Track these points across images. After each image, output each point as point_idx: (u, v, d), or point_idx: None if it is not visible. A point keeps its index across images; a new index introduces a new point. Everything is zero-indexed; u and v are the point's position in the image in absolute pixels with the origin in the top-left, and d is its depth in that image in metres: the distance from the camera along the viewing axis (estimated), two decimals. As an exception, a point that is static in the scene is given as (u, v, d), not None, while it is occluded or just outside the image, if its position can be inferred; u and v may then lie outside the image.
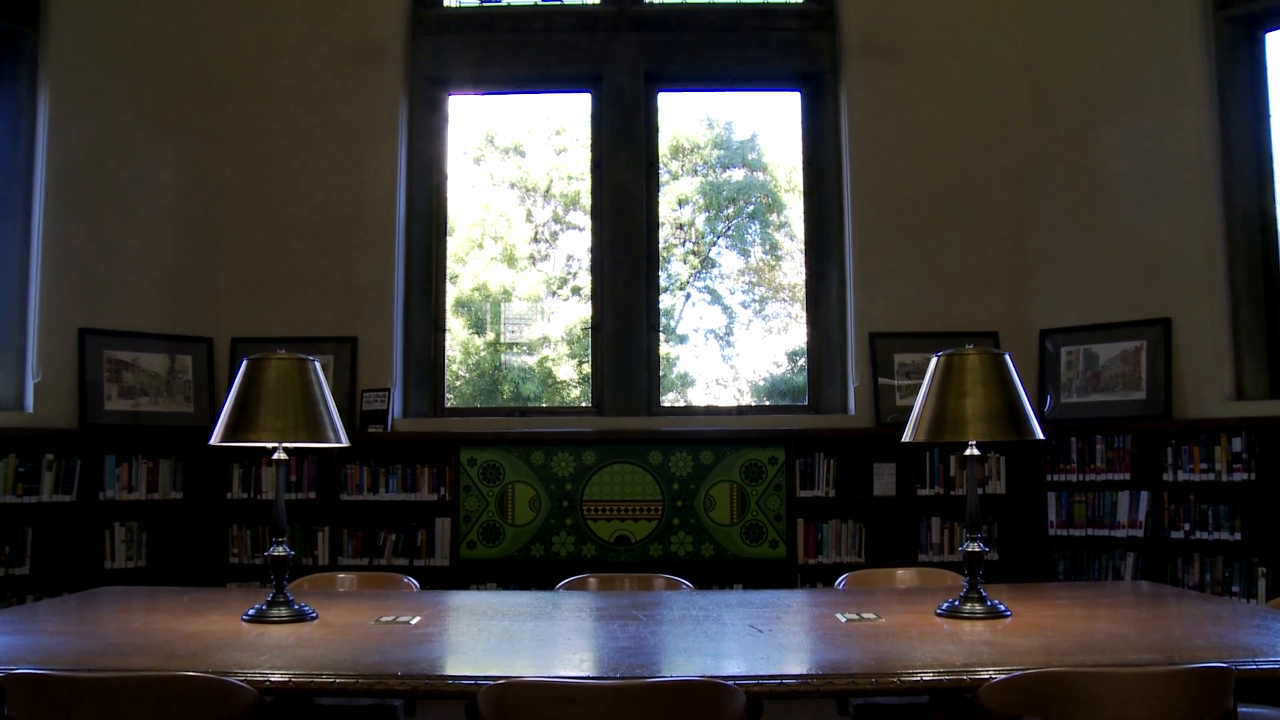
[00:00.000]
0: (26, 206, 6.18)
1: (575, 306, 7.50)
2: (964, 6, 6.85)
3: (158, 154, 6.61)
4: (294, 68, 6.91)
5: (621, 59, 7.09)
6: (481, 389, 7.55)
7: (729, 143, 7.88)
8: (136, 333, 6.39)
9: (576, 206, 7.58)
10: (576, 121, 7.58)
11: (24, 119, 6.21)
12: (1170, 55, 6.19)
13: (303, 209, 6.80)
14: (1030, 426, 3.20)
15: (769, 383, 7.64)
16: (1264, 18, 6.12)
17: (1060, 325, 6.46)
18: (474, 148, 7.71)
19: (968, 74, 6.80)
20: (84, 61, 6.36)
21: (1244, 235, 6.05)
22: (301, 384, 3.26)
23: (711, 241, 7.79)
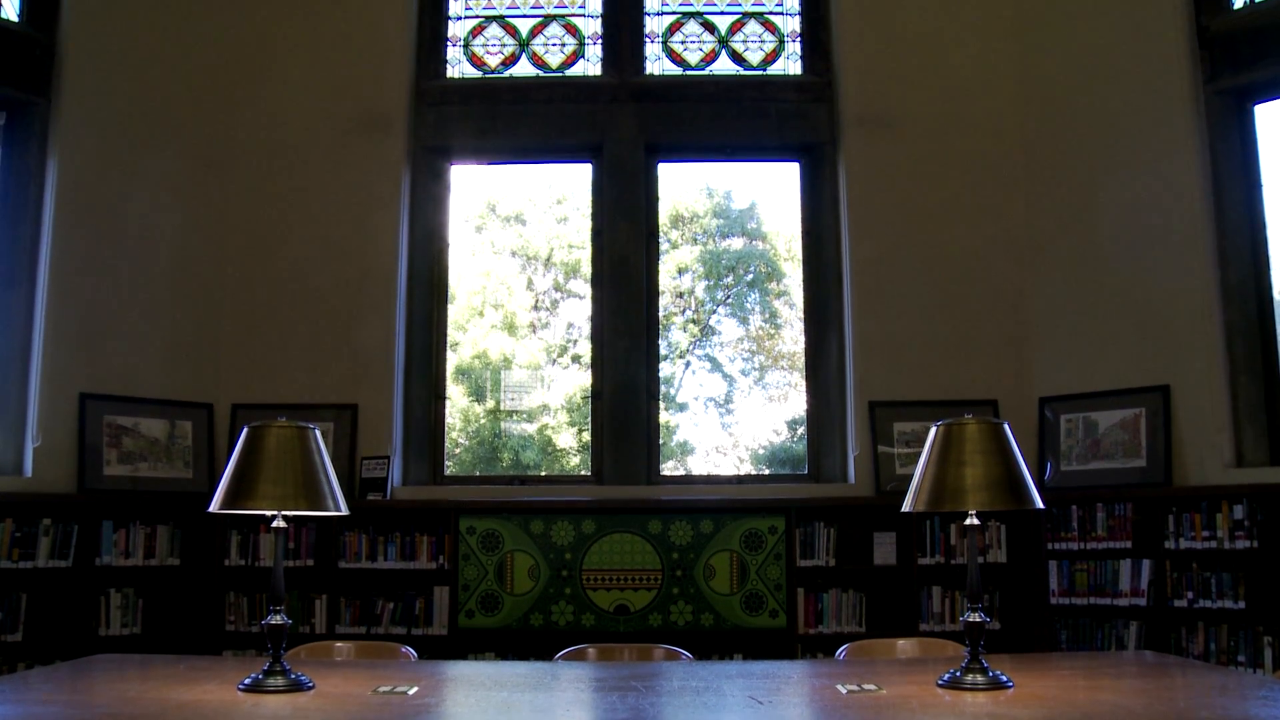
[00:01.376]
0: (31, 271, 6.23)
1: (575, 374, 7.52)
2: (961, 79, 6.94)
3: (162, 221, 6.66)
4: (298, 137, 6.98)
5: (622, 130, 7.17)
6: (481, 456, 7.55)
7: (728, 212, 7.95)
8: (137, 398, 6.40)
9: (577, 275, 7.63)
10: (578, 190, 7.65)
11: (32, 186, 6.28)
12: (1164, 127, 6.27)
13: (305, 276, 6.84)
14: (1030, 496, 3.19)
15: (769, 451, 7.63)
16: (1253, 90, 6.21)
17: (1059, 393, 6.47)
18: (475, 216, 7.78)
19: (965, 145, 6.88)
20: (92, 131, 6.43)
21: (1240, 303, 6.08)
22: (302, 452, 3.26)
23: (711, 310, 7.83)
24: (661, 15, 7.44)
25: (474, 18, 7.47)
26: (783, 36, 7.39)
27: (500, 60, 7.40)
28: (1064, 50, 6.74)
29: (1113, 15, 6.53)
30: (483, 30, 7.45)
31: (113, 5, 6.59)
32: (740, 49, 7.38)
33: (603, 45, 7.36)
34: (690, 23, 7.44)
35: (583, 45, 7.39)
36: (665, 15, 7.44)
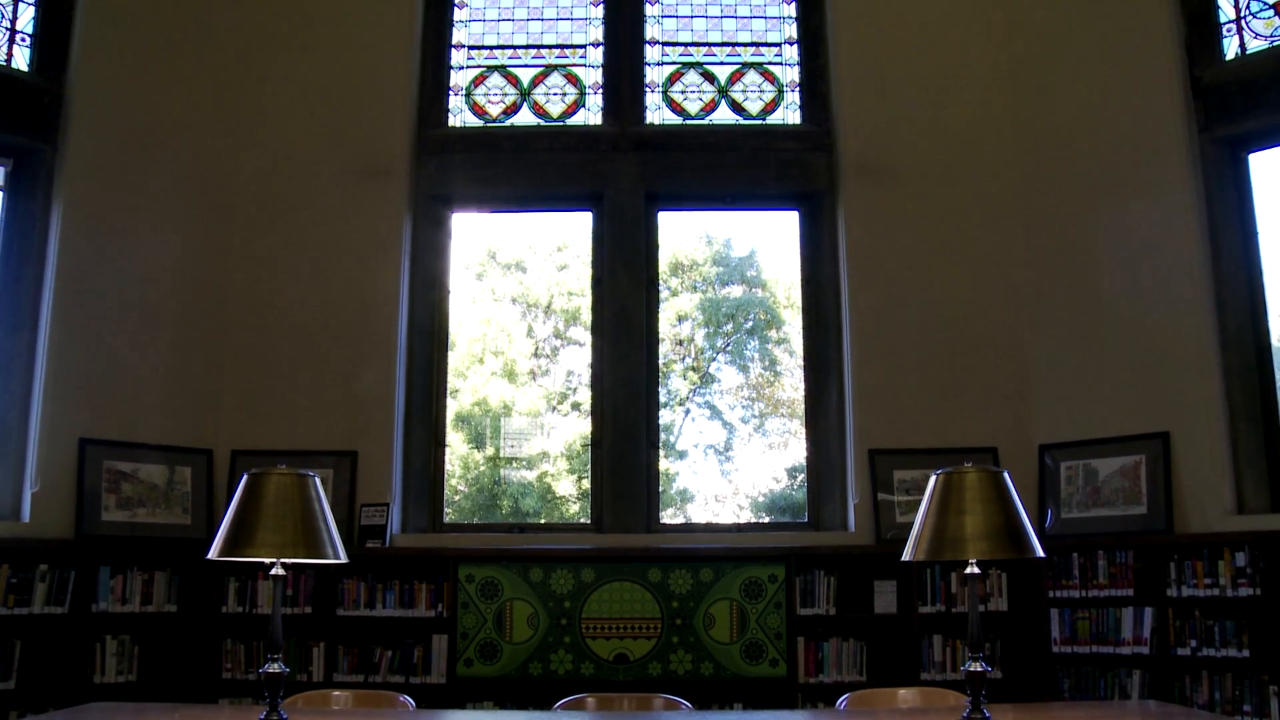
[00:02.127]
0: (34, 317, 6.24)
1: (575, 422, 7.53)
2: (958, 129, 7.00)
3: (164, 267, 6.69)
4: (301, 185, 7.03)
5: (622, 179, 7.22)
6: (480, 504, 7.54)
7: (728, 260, 7.99)
8: (137, 443, 6.40)
9: (577, 322, 7.65)
10: (578, 238, 7.70)
11: (36, 232, 6.32)
12: (1160, 176, 6.31)
13: (306, 323, 6.86)
14: (1030, 544, 3.19)
15: (769, 498, 7.62)
16: (1247, 139, 6.27)
17: (1059, 440, 6.47)
18: (476, 263, 7.82)
19: (963, 194, 6.92)
20: (96, 177, 6.48)
21: (1239, 350, 6.10)
22: (301, 500, 3.26)
23: (711, 358, 7.85)
24: (662, 65, 7.52)
25: (476, 67, 7.54)
26: (782, 86, 7.46)
27: (502, 109, 7.46)
28: (1060, 101, 6.80)
29: (1107, 67, 6.60)
30: (484, 80, 7.52)
31: (120, 55, 6.65)
32: (740, 99, 7.45)
33: (603, 95, 7.43)
34: (690, 73, 7.52)
35: (583, 95, 7.46)
36: (665, 65, 7.52)
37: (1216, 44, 6.40)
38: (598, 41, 7.54)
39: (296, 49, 7.24)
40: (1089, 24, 6.71)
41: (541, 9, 7.64)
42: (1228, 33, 6.39)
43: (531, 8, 7.64)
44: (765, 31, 7.58)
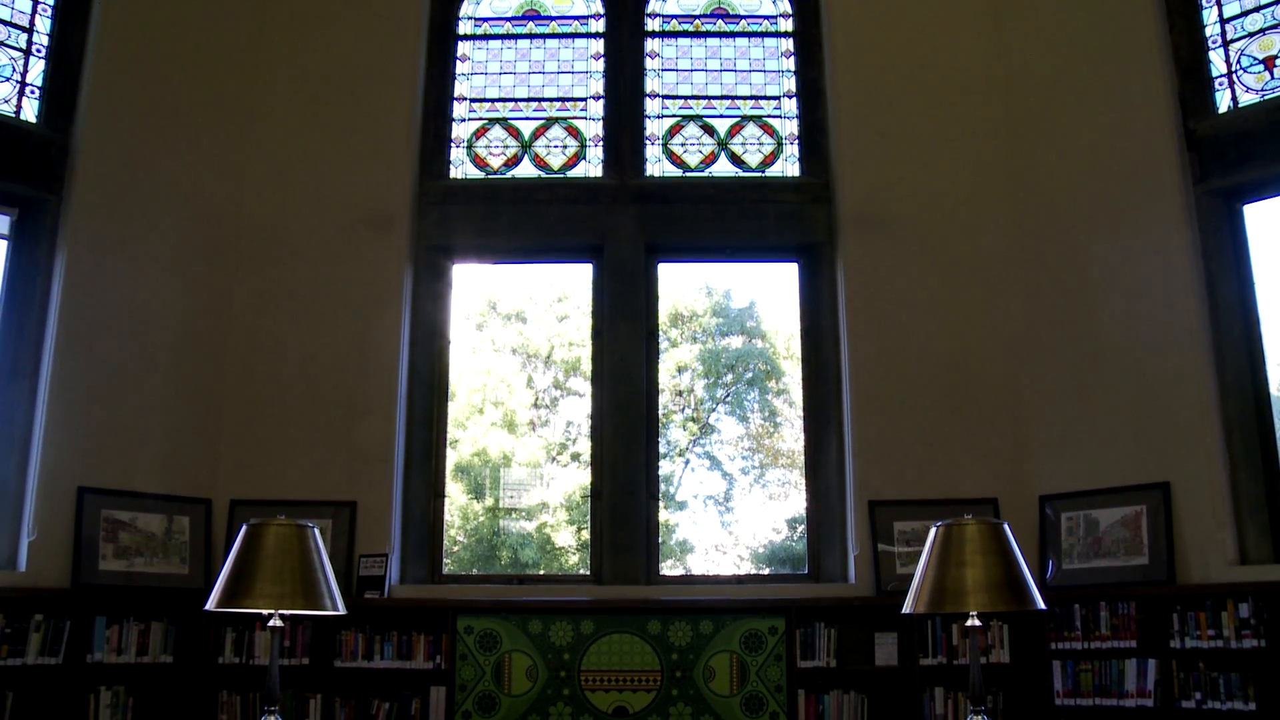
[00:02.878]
0: (35, 365, 6.25)
1: (575, 473, 7.52)
2: (956, 181, 7.05)
3: (165, 316, 6.71)
4: (302, 235, 7.07)
5: (623, 230, 7.25)
6: (479, 555, 7.52)
7: (728, 310, 8.02)
8: (136, 492, 6.38)
9: (577, 372, 7.68)
10: (578, 288, 7.74)
11: (40, 281, 6.34)
12: (1156, 227, 6.35)
13: (306, 372, 6.87)
14: (1031, 596, 3.19)
15: (769, 549, 7.60)
16: (1242, 191, 6.31)
17: (1059, 491, 6.45)
18: (477, 313, 7.85)
19: (961, 246, 6.96)
20: (100, 227, 6.52)
21: (1238, 400, 6.10)
22: (300, 551, 3.27)
23: (710, 408, 7.86)
24: (662, 118, 7.58)
25: (477, 120, 7.62)
26: (781, 139, 7.52)
27: (503, 161, 7.52)
28: (1056, 154, 6.85)
29: (1103, 119, 6.65)
30: (486, 132, 7.59)
31: (126, 107, 6.72)
32: (739, 151, 7.51)
33: (604, 147, 7.49)
34: (690, 125, 7.58)
35: (584, 147, 7.52)
36: (665, 118, 7.59)
37: (1209, 97, 6.47)
38: (598, 95, 7.61)
39: (300, 101, 7.31)
40: (1084, 77, 6.78)
41: (543, 62, 7.72)
42: (1219, 86, 6.46)
43: (533, 61, 7.73)
44: (764, 85, 7.66)
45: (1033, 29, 7.09)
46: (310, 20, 7.45)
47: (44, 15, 6.70)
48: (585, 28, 7.78)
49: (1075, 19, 6.89)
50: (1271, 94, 6.25)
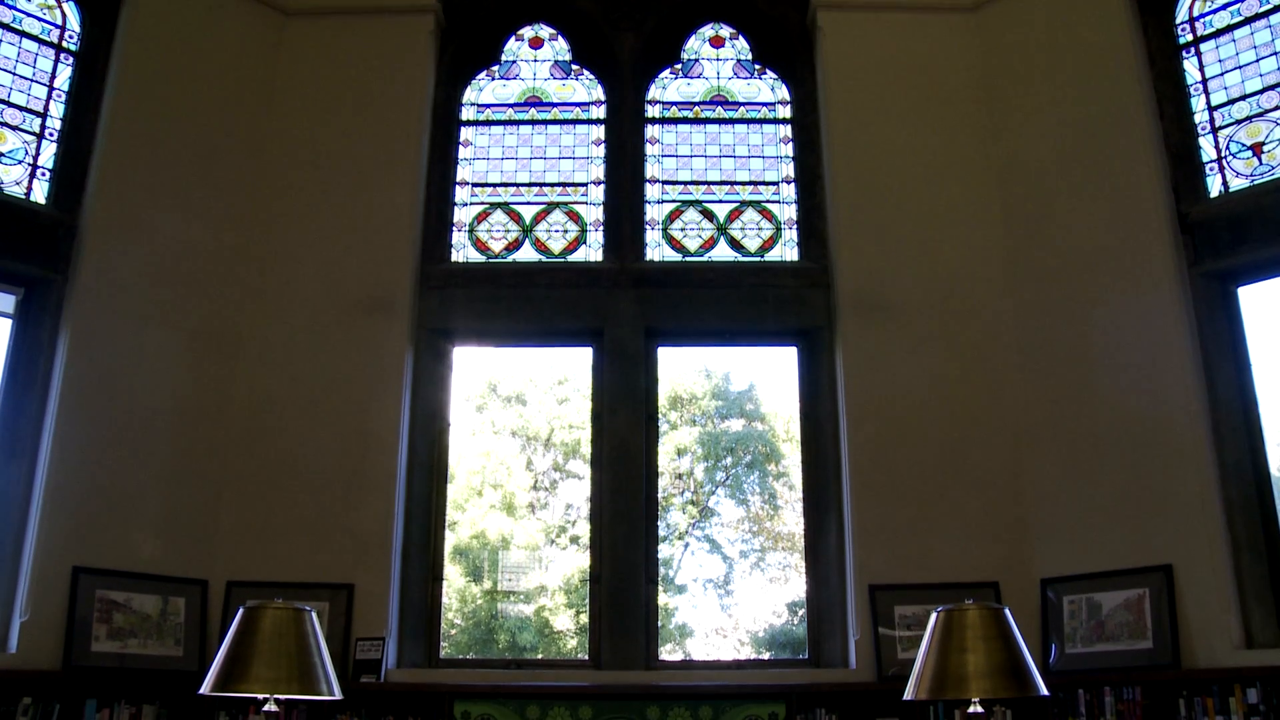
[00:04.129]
0: (35, 444, 6.25)
1: (574, 556, 7.49)
2: (953, 265, 7.11)
3: (166, 397, 6.72)
4: (304, 317, 7.11)
5: (622, 315, 7.30)
6: (477, 638, 7.45)
7: (727, 393, 8.05)
8: (131, 573, 6.33)
9: (577, 455, 7.68)
10: (578, 372, 7.77)
11: (42, 360, 6.38)
12: (1152, 310, 6.40)
13: (305, 454, 6.86)
14: (1034, 683, 3.17)
15: (769, 634, 7.54)
16: (1236, 273, 6.40)
17: (1061, 574, 6.42)
18: (477, 395, 7.88)
19: (959, 329, 7.00)
20: (104, 307, 6.56)
21: (1238, 482, 6.09)
22: (297, 635, 3.25)
23: (710, 491, 7.86)
24: (661, 204, 7.68)
25: (479, 204, 7.71)
26: (780, 224, 7.60)
27: (504, 245, 7.59)
28: (1052, 238, 6.92)
29: (1096, 203, 6.75)
30: (487, 216, 7.67)
31: (134, 189, 6.80)
32: (738, 236, 7.59)
33: (604, 232, 7.57)
34: (689, 211, 7.67)
35: (585, 232, 7.60)
36: (665, 203, 7.68)
37: (1201, 182, 6.59)
38: (599, 180, 7.71)
39: (304, 184, 7.40)
40: (1078, 163, 6.89)
41: (545, 148, 7.84)
42: (1210, 171, 6.59)
43: (535, 147, 7.84)
44: (763, 170, 7.76)
45: (1026, 116, 7.21)
46: (316, 105, 7.57)
47: (58, 100, 6.85)
48: (586, 114, 7.91)
49: (1067, 106, 7.02)
50: (1261, 179, 6.38)
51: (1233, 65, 6.69)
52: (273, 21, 7.67)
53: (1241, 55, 6.67)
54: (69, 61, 6.96)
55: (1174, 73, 6.85)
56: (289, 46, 7.67)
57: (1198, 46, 6.84)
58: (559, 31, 8.17)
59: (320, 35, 7.73)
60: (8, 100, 6.67)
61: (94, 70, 6.96)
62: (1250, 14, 6.68)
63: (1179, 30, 6.94)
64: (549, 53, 8.13)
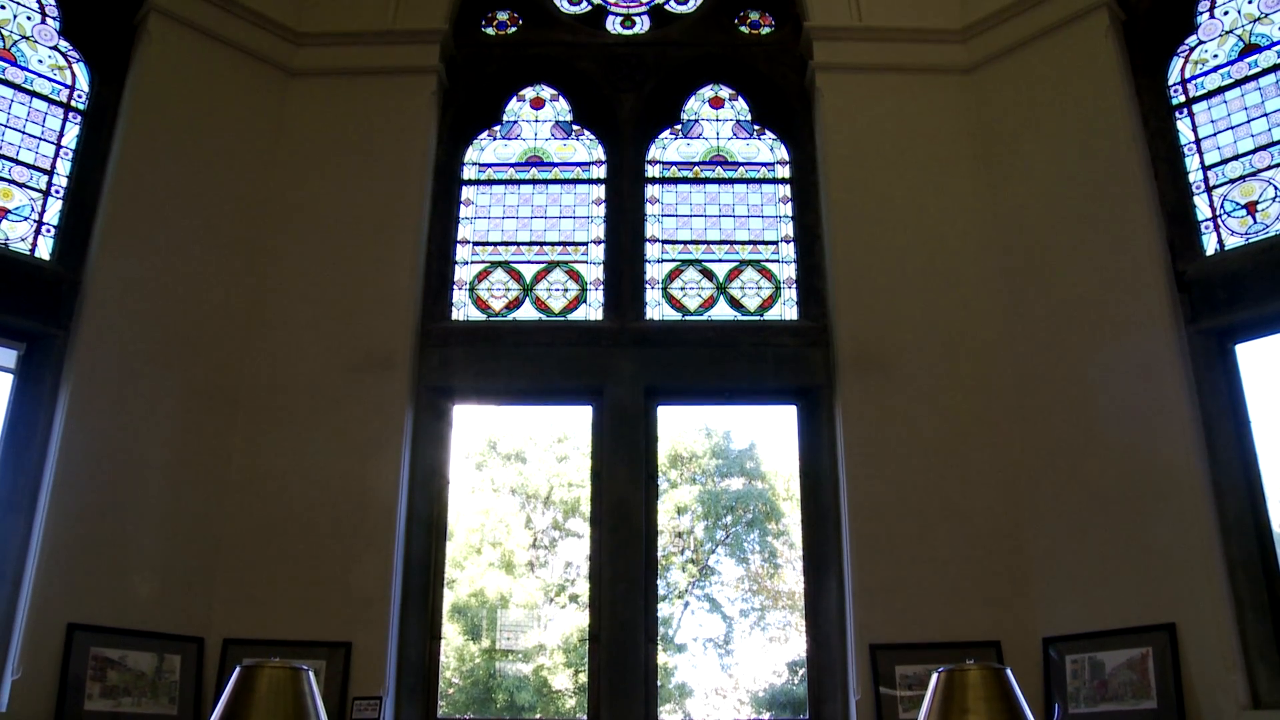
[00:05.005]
0: (32, 499, 6.22)
1: (573, 614, 7.46)
2: (953, 323, 7.14)
3: (165, 453, 6.71)
4: (305, 374, 7.13)
5: (622, 373, 7.31)
6: (475, 697, 7.40)
7: (727, 452, 8.06)
8: (127, 630, 6.28)
9: (576, 513, 7.67)
10: (578, 430, 7.77)
11: (42, 415, 6.38)
12: (1150, 367, 6.40)
13: (303, 512, 6.84)
14: (1035, 742, 3.14)
15: (769, 693, 7.49)
16: (1233, 330, 6.41)
17: (1063, 633, 6.37)
18: (476, 453, 7.89)
19: (959, 387, 7.01)
20: (105, 362, 6.57)
21: (1240, 540, 6.07)
22: (294, 694, 3.24)
23: (710, 550, 7.84)
24: (661, 263, 7.72)
25: (480, 263, 7.75)
26: (779, 283, 7.65)
27: (504, 304, 7.63)
28: (1051, 295, 6.95)
29: (1093, 262, 6.78)
30: (488, 275, 7.72)
31: (137, 246, 6.84)
32: (738, 295, 7.63)
33: (604, 291, 7.61)
34: (689, 270, 7.71)
35: (585, 291, 7.64)
36: (665, 263, 7.73)
37: (1196, 240, 6.64)
38: (599, 239, 7.77)
39: (305, 242, 7.45)
40: (1075, 222, 6.93)
41: (545, 207, 7.90)
42: (1206, 229, 6.64)
43: (535, 206, 7.91)
44: (762, 230, 7.82)
45: (1023, 176, 7.29)
46: (318, 163, 7.64)
47: (65, 158, 6.93)
48: (587, 174, 7.99)
49: (1063, 166, 7.09)
50: (1256, 237, 6.44)
51: (1225, 126, 6.78)
52: (276, 80, 7.78)
53: (1233, 116, 6.76)
54: (77, 120, 7.05)
55: (1168, 133, 6.94)
56: (292, 105, 7.78)
57: (1190, 107, 6.93)
58: (560, 92, 8.28)
59: (323, 94, 7.83)
60: (16, 158, 6.74)
61: (101, 128, 7.06)
62: (1240, 76, 6.79)
63: (1171, 91, 7.04)
64: (550, 113, 8.23)
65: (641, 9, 8.42)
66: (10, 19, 6.94)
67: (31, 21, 7.02)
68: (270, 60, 7.77)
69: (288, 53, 7.86)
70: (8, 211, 6.61)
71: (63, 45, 7.13)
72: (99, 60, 7.24)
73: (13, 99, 6.82)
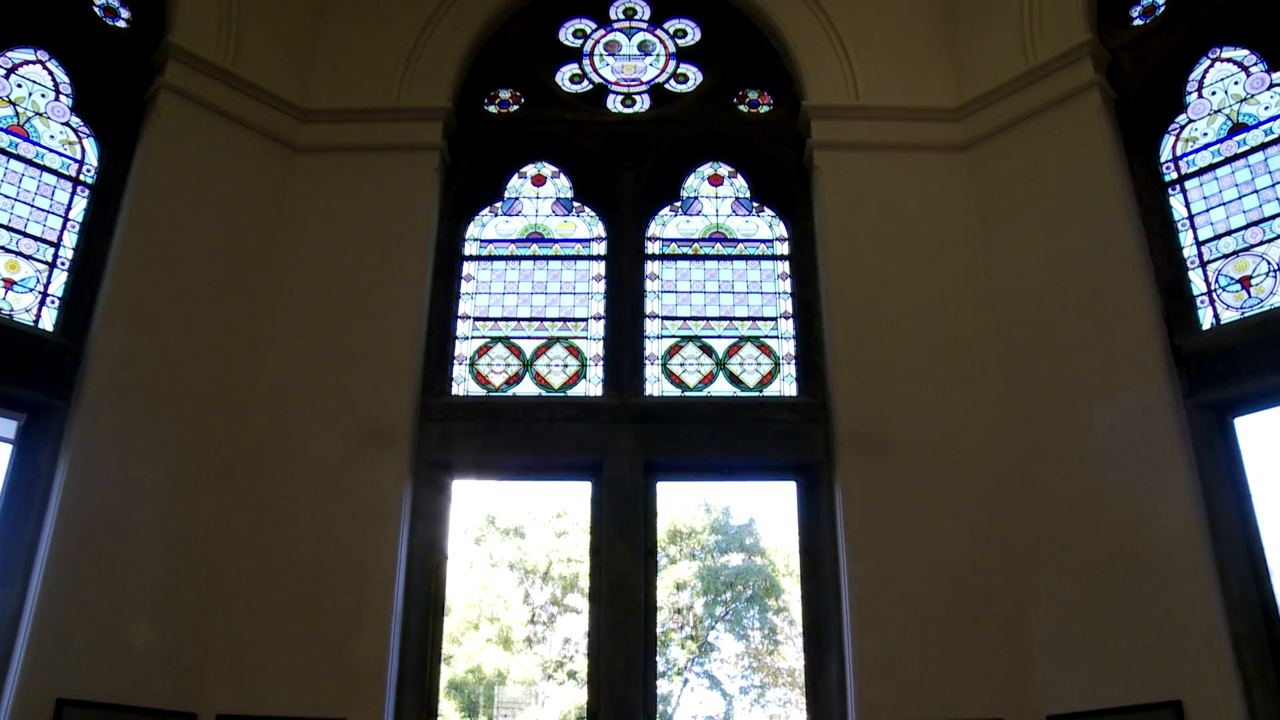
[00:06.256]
0: (26, 572, 6.17)
1: (571, 691, 7.36)
2: (951, 397, 7.16)
3: (162, 525, 6.67)
4: (304, 448, 7.12)
5: (622, 449, 7.31)
6: (471, 778, 7.26)
7: (727, 527, 8.02)
8: (117, 705, 6.17)
9: (575, 589, 7.61)
10: (577, 505, 7.75)
11: (40, 487, 6.36)
12: (1150, 442, 6.41)
13: (300, 586, 6.78)
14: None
15: (770, 774, 7.35)
16: (1231, 404, 6.43)
17: (1067, 710, 6.28)
18: (475, 527, 7.86)
19: (959, 462, 7.01)
20: (105, 434, 6.56)
21: (1245, 614, 6.00)
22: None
23: (710, 626, 7.76)
24: (661, 339, 7.76)
25: (481, 338, 7.79)
26: (778, 359, 7.67)
27: (504, 379, 7.65)
28: (1048, 372, 6.98)
29: (1090, 337, 6.82)
30: (489, 350, 7.75)
31: (140, 317, 6.88)
32: (737, 371, 7.65)
33: (604, 367, 7.64)
34: (689, 346, 7.75)
35: (585, 366, 7.67)
36: (665, 339, 7.76)
37: (1192, 315, 6.70)
38: (599, 315, 7.81)
39: (308, 316, 7.50)
40: (1072, 297, 6.99)
41: (545, 283, 7.96)
42: (1202, 304, 6.70)
43: (536, 282, 7.97)
44: (761, 306, 7.87)
45: (1019, 252, 7.36)
46: (321, 238, 7.73)
47: (72, 230, 7.01)
48: (587, 250, 8.06)
49: (1059, 242, 7.17)
50: (1251, 311, 6.48)
51: (1217, 202, 6.87)
52: (282, 156, 7.90)
53: (1225, 193, 6.85)
54: (85, 194, 7.15)
55: (1161, 209, 7.03)
56: (297, 181, 7.89)
57: (1182, 184, 7.02)
58: (561, 170, 8.39)
59: (328, 170, 7.95)
60: (24, 231, 6.83)
61: (108, 202, 7.15)
62: (1230, 154, 6.90)
63: (1164, 168, 7.14)
64: (551, 190, 8.33)
65: (642, 88, 8.57)
66: (26, 96, 7.08)
67: (46, 99, 7.15)
68: (276, 136, 7.90)
69: (293, 129, 7.99)
70: (14, 283, 6.68)
71: (74, 121, 7.26)
72: (108, 135, 7.36)
73: (23, 173, 6.93)
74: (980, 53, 8.01)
